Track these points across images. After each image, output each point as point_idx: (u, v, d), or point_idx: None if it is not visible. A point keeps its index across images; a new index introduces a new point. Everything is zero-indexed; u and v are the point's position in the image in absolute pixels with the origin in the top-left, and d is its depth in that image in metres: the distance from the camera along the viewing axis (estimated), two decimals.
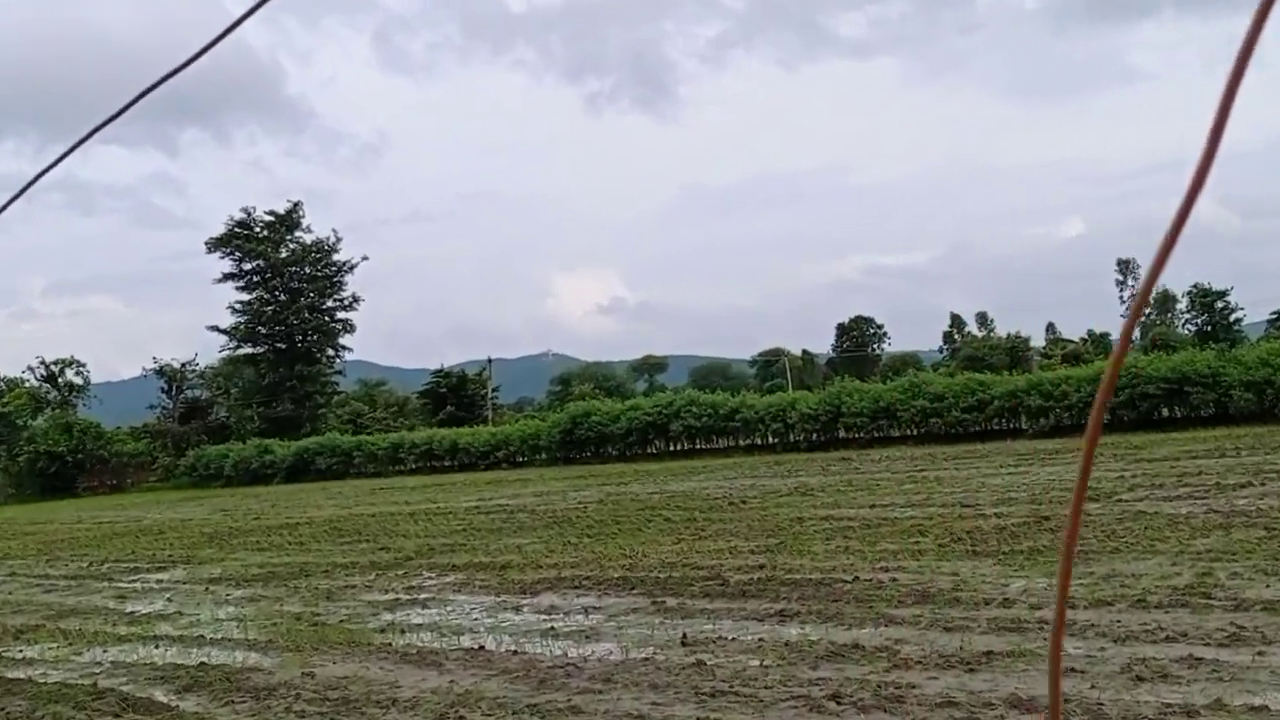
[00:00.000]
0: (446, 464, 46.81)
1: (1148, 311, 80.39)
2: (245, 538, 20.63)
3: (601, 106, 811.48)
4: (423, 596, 11.75)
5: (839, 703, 6.47)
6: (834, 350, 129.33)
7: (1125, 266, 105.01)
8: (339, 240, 72.99)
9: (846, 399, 37.76)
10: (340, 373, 76.30)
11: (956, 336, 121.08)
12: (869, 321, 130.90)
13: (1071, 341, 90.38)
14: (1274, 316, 69.69)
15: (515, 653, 8.64)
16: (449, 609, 10.92)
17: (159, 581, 15.13)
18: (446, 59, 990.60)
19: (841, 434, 38.51)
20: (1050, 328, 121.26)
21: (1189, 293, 78.51)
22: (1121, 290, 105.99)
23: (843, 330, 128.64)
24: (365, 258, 76.07)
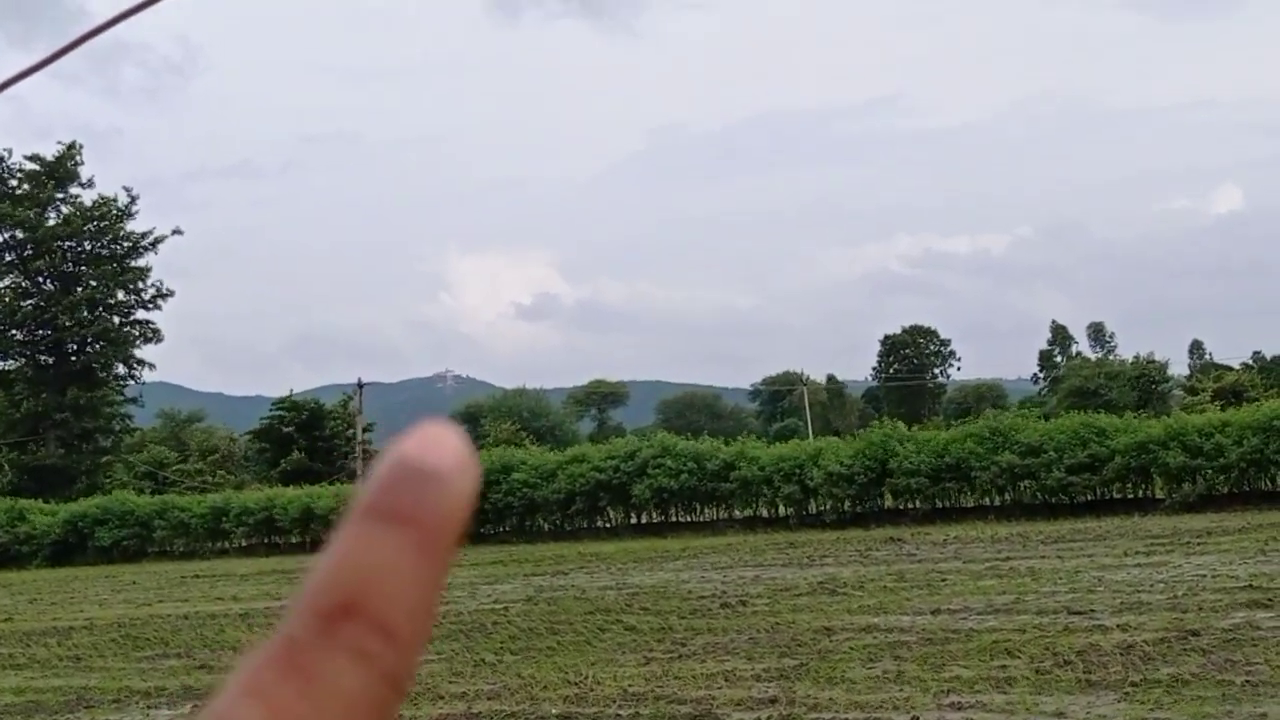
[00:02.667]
0: (295, 540, 46.43)
1: None
2: None
3: (521, 8, 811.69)
4: None
5: None
6: (875, 377, 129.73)
7: None
8: (134, 201, 72.52)
9: (896, 450, 37.93)
10: (135, 401, 75.67)
11: (1059, 359, 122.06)
12: (928, 334, 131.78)
13: (1228, 369, 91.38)
14: None
15: None
16: None
17: None
18: None
19: (888, 503, 38.61)
20: (1196, 348, 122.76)
21: None
22: None
23: (889, 347, 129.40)
24: (178, 231, 75.68)
